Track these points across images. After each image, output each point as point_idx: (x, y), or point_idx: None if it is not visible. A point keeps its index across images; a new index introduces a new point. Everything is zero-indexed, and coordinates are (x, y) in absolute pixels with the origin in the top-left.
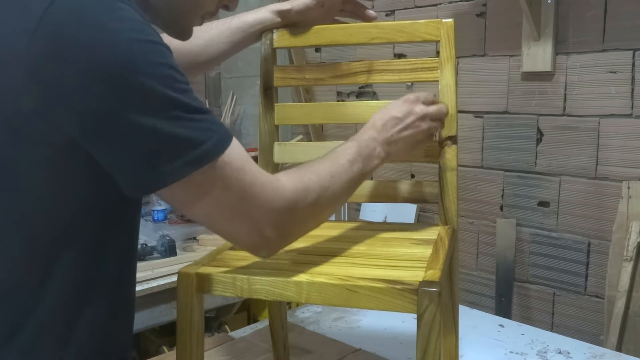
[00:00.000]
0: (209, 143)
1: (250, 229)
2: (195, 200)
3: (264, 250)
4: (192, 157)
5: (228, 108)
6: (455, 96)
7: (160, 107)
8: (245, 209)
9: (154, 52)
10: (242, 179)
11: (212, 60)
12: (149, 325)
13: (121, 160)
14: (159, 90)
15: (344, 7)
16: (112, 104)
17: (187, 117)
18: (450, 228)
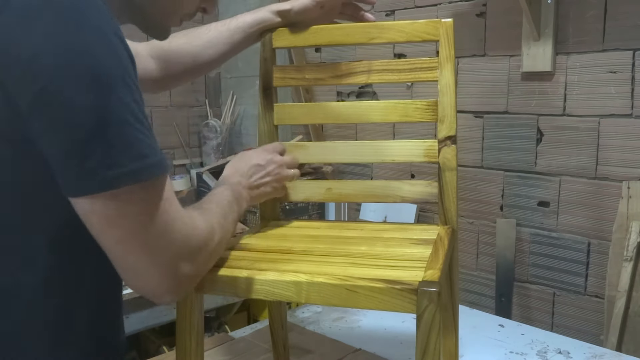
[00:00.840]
0: (152, 159)
1: (164, 267)
2: (113, 221)
3: (170, 294)
4: (131, 168)
5: (228, 108)
6: (455, 96)
7: (122, 108)
8: (164, 243)
9: (123, 53)
10: (166, 211)
11: (212, 62)
12: (149, 325)
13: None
14: (124, 91)
15: (343, 10)
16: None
17: (136, 126)
18: (450, 228)
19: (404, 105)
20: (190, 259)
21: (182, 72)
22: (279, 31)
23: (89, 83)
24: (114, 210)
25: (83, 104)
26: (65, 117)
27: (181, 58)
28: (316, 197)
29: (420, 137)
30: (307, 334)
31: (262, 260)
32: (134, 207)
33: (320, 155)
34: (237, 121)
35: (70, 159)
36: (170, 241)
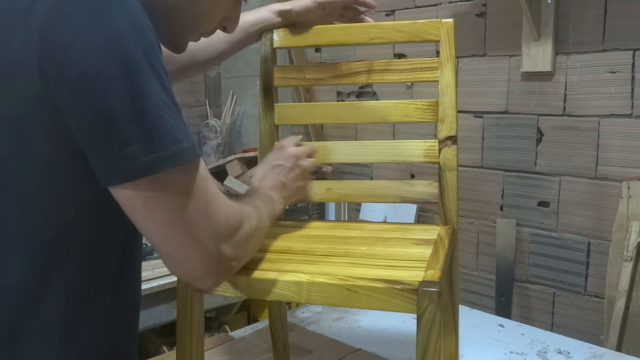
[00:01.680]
0: (186, 143)
1: (205, 248)
2: (158, 203)
3: (211, 277)
4: (169, 153)
5: (228, 108)
6: (455, 96)
7: (154, 95)
8: (205, 223)
9: (152, 44)
10: (206, 191)
11: (211, 60)
12: (149, 325)
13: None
14: (156, 79)
15: (344, 12)
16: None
17: (170, 112)
18: (450, 228)
19: (404, 105)
20: (230, 239)
21: (181, 68)
22: (279, 31)
23: (124, 70)
24: (156, 193)
25: (119, 91)
26: (103, 105)
27: (180, 56)
28: (316, 197)
29: (420, 137)
30: (307, 334)
31: (263, 260)
32: (175, 189)
33: (320, 155)
34: (237, 121)
35: (110, 146)
36: (212, 220)
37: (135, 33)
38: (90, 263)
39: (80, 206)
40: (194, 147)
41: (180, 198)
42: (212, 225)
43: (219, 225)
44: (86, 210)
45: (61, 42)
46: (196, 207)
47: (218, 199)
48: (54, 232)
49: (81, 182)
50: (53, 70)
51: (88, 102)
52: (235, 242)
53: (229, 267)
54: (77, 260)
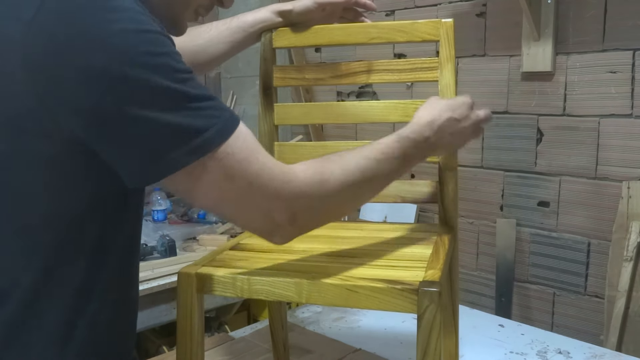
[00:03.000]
0: (210, 131)
1: (259, 216)
2: (199, 190)
3: (276, 237)
4: (191, 146)
5: None
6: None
7: (158, 98)
8: (251, 199)
9: (150, 42)
10: (246, 170)
11: (212, 61)
12: (149, 325)
13: (121, 153)
14: (156, 80)
15: (344, 14)
16: (109, 99)
17: (187, 106)
18: (450, 228)
19: (404, 105)
20: (284, 208)
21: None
22: (279, 31)
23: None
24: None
25: (132, 104)
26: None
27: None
28: None
29: None
30: (307, 334)
31: (263, 260)
32: (211, 175)
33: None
34: None
35: (133, 152)
36: (258, 195)
37: (139, 41)
38: (89, 263)
39: (80, 206)
40: (221, 132)
41: (221, 181)
42: (259, 197)
43: (267, 197)
44: (86, 210)
45: (63, 44)
46: (237, 188)
47: (265, 170)
48: (54, 233)
49: (81, 182)
50: (55, 73)
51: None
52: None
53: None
54: (78, 260)
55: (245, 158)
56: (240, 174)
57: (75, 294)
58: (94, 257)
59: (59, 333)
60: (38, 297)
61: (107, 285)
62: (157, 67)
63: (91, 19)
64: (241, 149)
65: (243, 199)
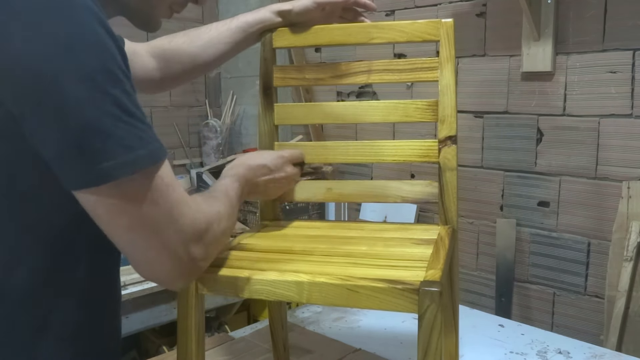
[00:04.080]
0: (143, 150)
1: (173, 250)
2: (120, 210)
3: (182, 278)
4: (125, 160)
5: (228, 108)
6: (455, 96)
7: (103, 104)
8: (171, 227)
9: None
10: (170, 195)
11: (212, 62)
12: (149, 325)
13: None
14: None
15: (344, 14)
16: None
17: (127, 120)
18: (450, 228)
19: (404, 105)
20: (198, 241)
21: (181, 71)
22: (279, 31)
23: (76, 80)
24: (117, 200)
25: (71, 100)
26: (56, 114)
27: (181, 57)
28: (316, 197)
29: (420, 137)
30: (307, 334)
31: (263, 260)
32: (136, 195)
33: (320, 155)
34: (237, 121)
35: (65, 155)
36: (178, 224)
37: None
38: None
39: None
40: (152, 153)
41: (143, 204)
42: (178, 230)
43: (185, 228)
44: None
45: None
46: (160, 212)
47: (183, 202)
48: (55, 232)
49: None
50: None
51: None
52: (204, 243)
53: (198, 268)
54: (78, 259)
55: (170, 184)
56: (164, 198)
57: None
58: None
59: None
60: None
61: (108, 283)
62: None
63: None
64: (167, 175)
65: (161, 227)
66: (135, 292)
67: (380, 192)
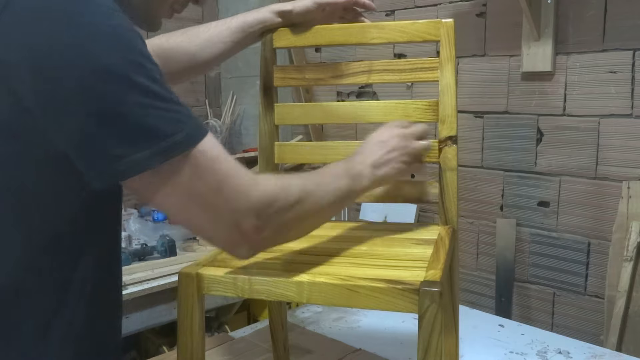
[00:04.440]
0: (179, 135)
1: (226, 222)
2: (168, 190)
3: (241, 248)
4: (160, 148)
5: (228, 108)
6: (455, 96)
7: (130, 94)
8: (220, 200)
9: (123, 39)
10: (216, 169)
11: (211, 60)
12: (149, 325)
13: (85, 148)
14: (128, 77)
15: (344, 14)
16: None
17: (158, 105)
18: (450, 228)
19: (404, 105)
20: (252, 214)
21: (180, 70)
22: (279, 31)
23: (101, 75)
24: (159, 185)
25: (98, 96)
26: (82, 112)
27: (180, 56)
28: None
29: None
30: (307, 334)
31: (263, 260)
32: (177, 179)
33: (320, 155)
34: (237, 121)
35: (98, 150)
36: (227, 197)
37: (112, 36)
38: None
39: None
40: (188, 135)
41: (187, 185)
42: (228, 202)
43: (236, 201)
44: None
45: (32, 49)
46: (206, 190)
47: (233, 175)
48: (53, 232)
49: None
50: (29, 74)
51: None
52: (261, 216)
53: (259, 239)
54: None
55: (215, 157)
56: (209, 173)
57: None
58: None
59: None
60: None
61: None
62: (129, 64)
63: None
64: (212, 149)
65: (211, 201)
66: (135, 292)
67: (380, 192)
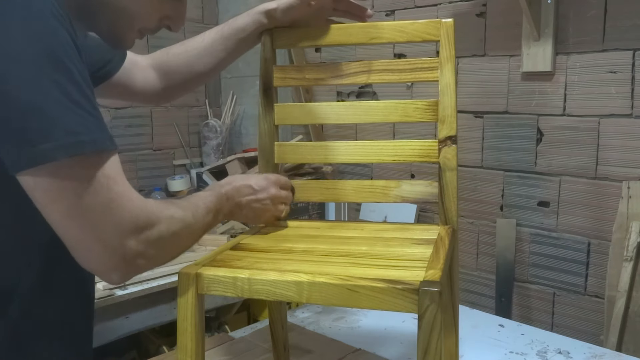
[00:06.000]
0: (86, 136)
1: (107, 243)
2: (57, 195)
3: (115, 273)
4: (64, 143)
5: (228, 108)
6: (455, 96)
7: (46, 89)
8: (107, 219)
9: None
10: (111, 188)
11: (209, 70)
12: (149, 325)
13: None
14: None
15: (336, 6)
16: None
17: (70, 106)
18: (450, 228)
19: (404, 105)
20: (136, 236)
21: (182, 81)
22: (279, 31)
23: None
24: (54, 184)
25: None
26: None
27: (179, 68)
28: (316, 197)
29: (420, 137)
30: (307, 334)
31: (263, 260)
32: (74, 182)
33: (320, 155)
34: (237, 121)
35: (6, 136)
36: (115, 218)
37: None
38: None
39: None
40: (95, 141)
41: (80, 192)
42: (115, 222)
43: (123, 222)
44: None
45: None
46: (97, 202)
47: (125, 197)
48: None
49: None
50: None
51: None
52: (144, 240)
53: (135, 265)
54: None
55: (113, 176)
56: (104, 189)
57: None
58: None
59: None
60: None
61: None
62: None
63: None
64: (111, 168)
65: (98, 217)
66: (135, 292)
67: (380, 192)
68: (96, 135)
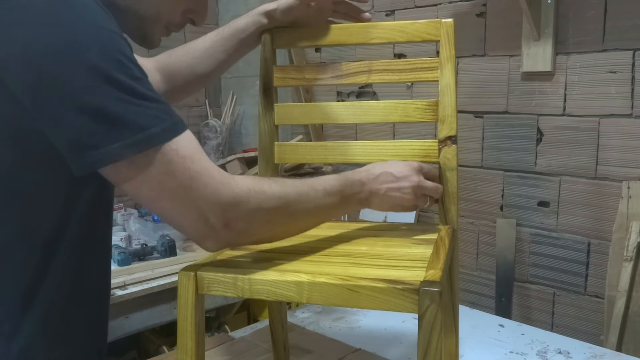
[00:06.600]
0: (154, 129)
1: (195, 217)
2: (140, 181)
3: (208, 241)
4: (133, 140)
5: (228, 108)
6: (455, 96)
7: (107, 88)
8: (189, 197)
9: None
10: (188, 167)
11: (211, 72)
12: (149, 325)
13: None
14: (107, 72)
15: (336, 7)
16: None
17: (134, 101)
18: (450, 228)
19: (404, 105)
20: (220, 212)
21: (184, 83)
22: (279, 31)
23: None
24: (137, 175)
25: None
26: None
27: (181, 70)
28: None
29: (420, 137)
30: (307, 334)
31: (263, 260)
32: (152, 169)
33: (320, 155)
34: (237, 121)
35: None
36: (197, 194)
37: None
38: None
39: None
40: (164, 131)
41: (159, 178)
42: (197, 200)
43: (206, 198)
44: (81, 208)
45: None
46: (177, 184)
47: (205, 174)
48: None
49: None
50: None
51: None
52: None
53: (226, 235)
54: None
55: (188, 156)
56: (182, 170)
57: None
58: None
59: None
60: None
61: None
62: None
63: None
64: (185, 148)
65: (181, 196)
66: (135, 292)
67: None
68: (164, 125)
